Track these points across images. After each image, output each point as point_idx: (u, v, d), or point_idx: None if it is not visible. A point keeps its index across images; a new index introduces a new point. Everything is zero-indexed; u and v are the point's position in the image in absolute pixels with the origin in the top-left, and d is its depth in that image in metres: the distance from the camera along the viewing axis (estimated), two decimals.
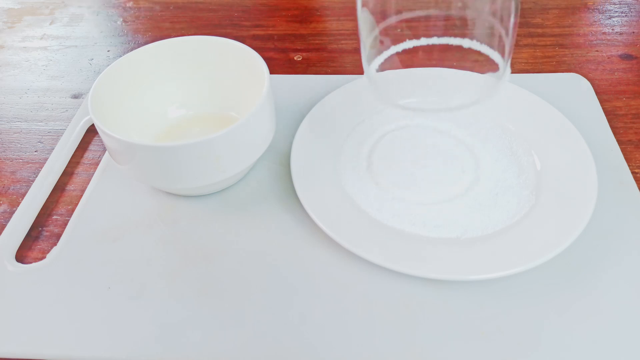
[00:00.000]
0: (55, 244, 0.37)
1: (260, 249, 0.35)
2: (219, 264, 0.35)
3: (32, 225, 0.38)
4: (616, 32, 0.54)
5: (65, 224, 0.38)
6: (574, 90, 0.46)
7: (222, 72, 0.42)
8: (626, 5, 0.58)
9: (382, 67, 0.35)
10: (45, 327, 0.32)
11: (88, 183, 0.41)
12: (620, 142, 0.41)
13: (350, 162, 0.40)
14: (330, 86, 0.46)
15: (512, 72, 0.49)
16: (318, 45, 0.55)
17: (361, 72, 0.49)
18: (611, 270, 0.33)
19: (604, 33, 0.54)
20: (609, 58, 0.51)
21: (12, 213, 0.39)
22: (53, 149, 0.44)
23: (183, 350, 0.30)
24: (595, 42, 0.53)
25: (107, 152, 0.43)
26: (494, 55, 0.33)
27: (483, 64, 0.34)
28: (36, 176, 0.41)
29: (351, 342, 0.30)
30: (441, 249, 0.33)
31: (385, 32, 0.34)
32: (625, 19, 0.56)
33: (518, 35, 0.55)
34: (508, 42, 0.32)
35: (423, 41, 0.34)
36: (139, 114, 0.41)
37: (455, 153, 0.40)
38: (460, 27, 0.34)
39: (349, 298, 0.32)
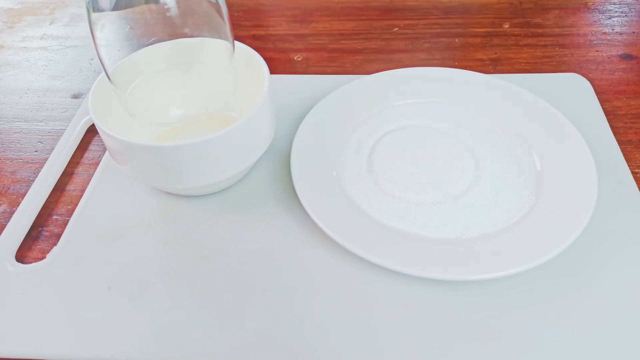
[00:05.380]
0: (55, 244, 0.37)
1: (260, 249, 0.35)
2: (219, 264, 0.35)
3: (32, 225, 0.38)
4: (616, 32, 0.54)
5: (65, 224, 0.38)
6: (574, 90, 0.46)
7: (222, 72, 0.41)
8: (626, 5, 0.58)
9: None
10: (45, 327, 0.32)
11: (88, 183, 0.41)
12: (620, 142, 0.41)
13: (350, 162, 0.40)
14: (330, 86, 0.46)
15: (513, 72, 0.49)
16: (318, 45, 0.55)
17: (361, 72, 0.50)
18: (611, 270, 0.33)
19: (604, 33, 0.54)
20: (609, 58, 0.51)
21: (12, 213, 0.39)
22: (53, 149, 0.44)
23: (183, 350, 0.30)
24: (595, 42, 0.53)
25: (107, 152, 0.43)
26: None
27: None
28: (36, 176, 0.41)
29: (351, 342, 0.30)
30: (441, 249, 0.33)
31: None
32: (625, 19, 0.56)
33: (518, 35, 0.55)
34: None
35: None
36: (138, 113, 0.41)
37: (455, 153, 0.40)
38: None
39: (349, 298, 0.32)
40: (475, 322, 0.31)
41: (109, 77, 0.35)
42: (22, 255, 0.37)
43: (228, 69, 0.38)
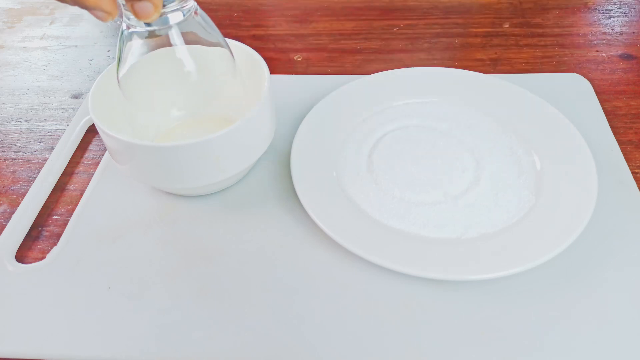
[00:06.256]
0: (55, 244, 0.37)
1: (260, 249, 0.35)
2: (219, 264, 0.35)
3: (32, 225, 0.38)
4: (616, 32, 0.54)
5: (65, 224, 0.38)
6: (574, 90, 0.46)
7: (222, 73, 0.41)
8: (626, 5, 0.58)
9: None
10: (45, 327, 0.32)
11: (88, 183, 0.41)
12: (620, 142, 0.41)
13: (350, 162, 0.40)
14: (330, 86, 0.46)
15: (513, 72, 0.49)
16: (318, 45, 0.55)
17: (361, 72, 0.50)
18: (611, 270, 0.33)
19: (604, 33, 0.54)
20: (609, 58, 0.51)
21: (12, 213, 0.39)
22: (53, 149, 0.44)
23: (183, 350, 0.30)
24: (595, 42, 0.53)
25: (107, 152, 0.43)
26: None
27: None
28: (36, 176, 0.41)
29: (351, 342, 0.30)
30: (441, 249, 0.33)
31: None
32: (625, 19, 0.56)
33: (518, 35, 0.55)
34: None
35: None
36: (139, 114, 0.41)
37: (455, 153, 0.40)
38: None
39: (348, 298, 0.32)
40: (475, 322, 0.31)
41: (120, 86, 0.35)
42: (22, 255, 0.37)
43: (229, 73, 0.38)
